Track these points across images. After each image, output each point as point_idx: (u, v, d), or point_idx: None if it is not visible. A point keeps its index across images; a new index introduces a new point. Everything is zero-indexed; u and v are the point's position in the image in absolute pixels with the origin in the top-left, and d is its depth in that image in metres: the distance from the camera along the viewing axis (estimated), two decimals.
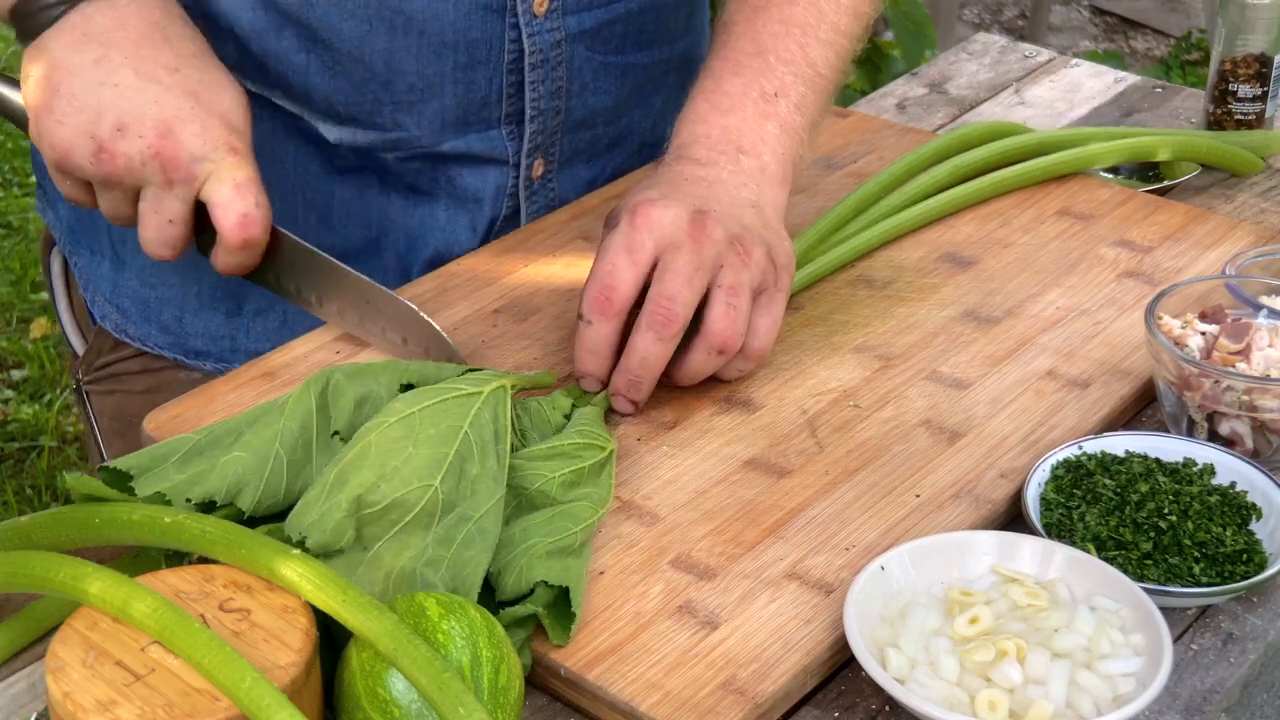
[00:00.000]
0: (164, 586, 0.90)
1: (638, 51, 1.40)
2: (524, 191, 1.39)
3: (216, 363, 1.39)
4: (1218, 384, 1.11)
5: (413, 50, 1.28)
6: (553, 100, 1.35)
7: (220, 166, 1.14)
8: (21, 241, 3.61)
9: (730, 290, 1.12)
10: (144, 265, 1.37)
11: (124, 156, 1.12)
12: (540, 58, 1.32)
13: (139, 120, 1.12)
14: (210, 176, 1.14)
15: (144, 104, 1.12)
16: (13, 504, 2.84)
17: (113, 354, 1.43)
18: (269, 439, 1.01)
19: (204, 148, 1.13)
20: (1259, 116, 1.57)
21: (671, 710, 0.92)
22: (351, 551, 0.96)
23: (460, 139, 1.34)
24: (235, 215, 1.14)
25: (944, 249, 1.36)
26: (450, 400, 1.02)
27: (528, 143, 1.36)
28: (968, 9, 4.98)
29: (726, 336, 1.12)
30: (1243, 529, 1.04)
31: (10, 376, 3.20)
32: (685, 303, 1.11)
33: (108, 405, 1.44)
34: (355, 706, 0.87)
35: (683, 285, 1.11)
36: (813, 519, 1.07)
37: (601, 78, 1.38)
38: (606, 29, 1.36)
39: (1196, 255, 1.35)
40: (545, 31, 1.32)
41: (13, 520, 0.97)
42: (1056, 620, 0.95)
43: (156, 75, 1.14)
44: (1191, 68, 4.44)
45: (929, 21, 3.01)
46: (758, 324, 1.15)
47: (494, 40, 1.30)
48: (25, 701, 0.97)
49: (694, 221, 1.12)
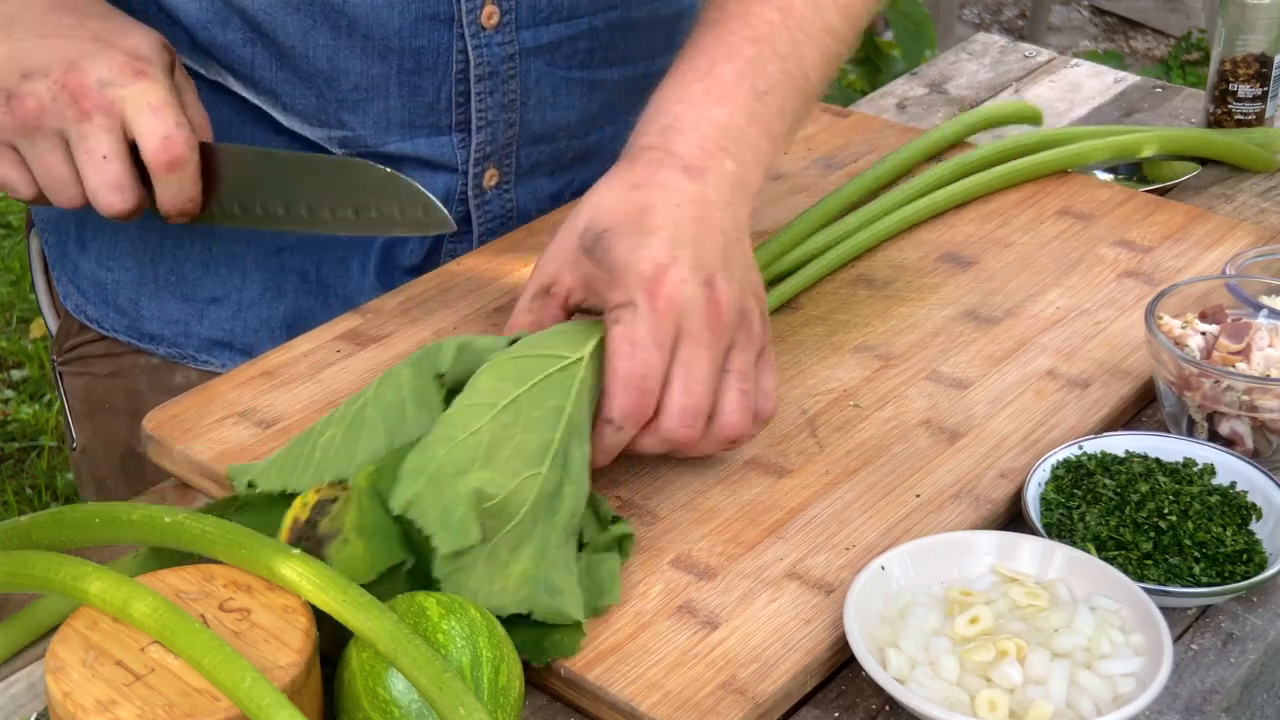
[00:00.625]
0: (164, 586, 0.90)
1: (607, 68, 1.38)
2: (474, 199, 1.37)
3: (170, 347, 1.39)
4: (1218, 384, 1.11)
5: (356, 51, 1.28)
6: (503, 113, 1.34)
7: (131, 92, 1.13)
8: (21, 242, 3.61)
9: (740, 375, 1.06)
10: (102, 247, 1.38)
11: (33, 97, 1.12)
12: (488, 69, 1.31)
13: (45, 65, 1.13)
14: (127, 108, 1.13)
15: (48, 53, 1.13)
16: (13, 504, 2.84)
17: (79, 336, 1.44)
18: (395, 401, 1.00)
19: (110, 73, 1.13)
20: (1259, 116, 1.57)
21: (671, 710, 0.92)
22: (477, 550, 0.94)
23: (407, 142, 1.33)
24: (157, 138, 1.13)
25: (944, 249, 1.36)
26: (554, 376, 1.00)
27: (475, 152, 1.34)
28: (968, 9, 4.98)
29: (740, 429, 1.07)
30: (1243, 529, 1.04)
31: (10, 376, 3.20)
32: (706, 414, 1.05)
33: (77, 386, 1.45)
34: (355, 706, 0.87)
35: (705, 397, 1.04)
36: (813, 519, 1.07)
37: (563, 93, 1.36)
38: (568, 44, 1.34)
39: (1196, 255, 1.35)
40: (495, 45, 1.30)
41: (13, 520, 0.97)
42: (1056, 620, 0.95)
43: (59, 30, 1.15)
44: (1191, 68, 4.44)
45: (929, 21, 3.01)
46: (763, 388, 1.09)
47: (441, 49, 1.29)
48: (25, 701, 0.97)
49: (710, 302, 1.05)
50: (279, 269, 1.37)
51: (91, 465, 1.45)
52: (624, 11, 1.37)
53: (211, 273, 1.36)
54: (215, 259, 1.36)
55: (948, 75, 1.76)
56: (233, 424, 1.15)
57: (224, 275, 1.36)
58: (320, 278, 1.37)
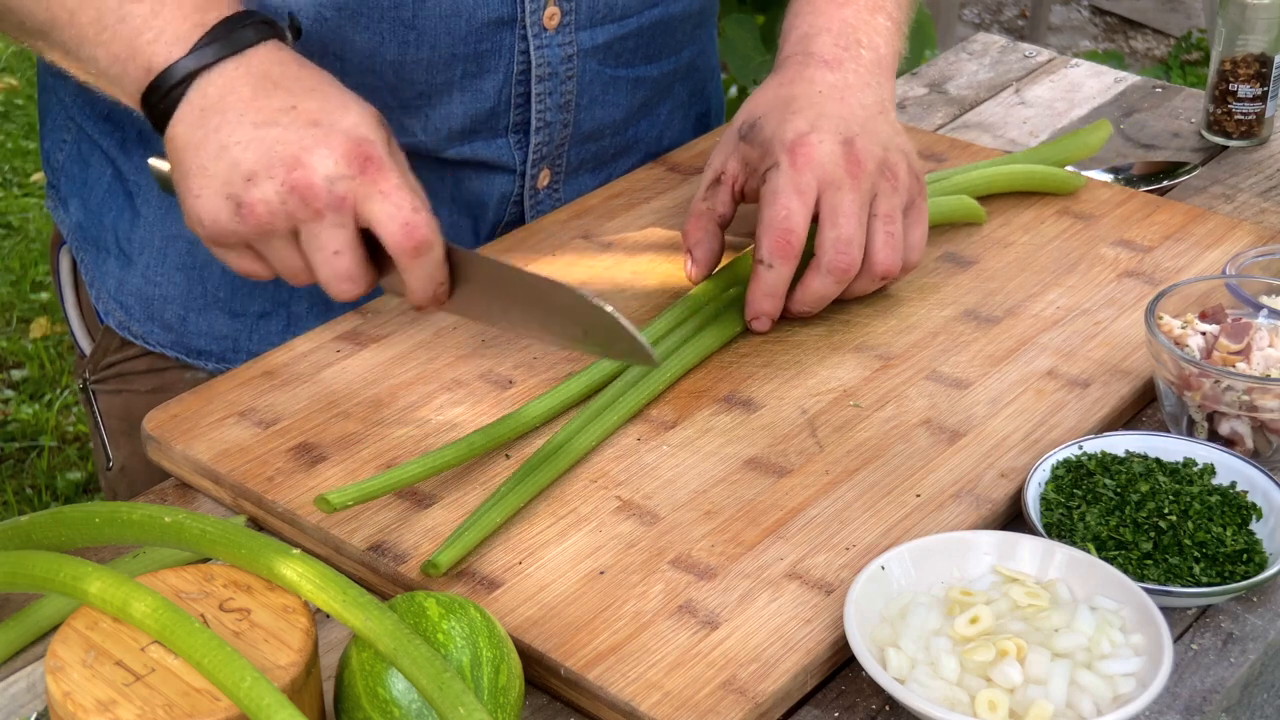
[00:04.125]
0: (164, 586, 0.90)
1: (647, 64, 1.42)
2: (529, 199, 1.40)
3: (218, 363, 1.39)
4: (1218, 384, 1.11)
5: (423, 60, 1.29)
6: (560, 113, 1.36)
7: (361, 183, 1.07)
8: (21, 241, 3.61)
9: (887, 219, 1.21)
10: (149, 263, 1.37)
11: (262, 203, 1.07)
12: (548, 70, 1.33)
13: (266, 164, 1.07)
14: (360, 198, 1.07)
15: (268, 148, 1.07)
16: (13, 504, 2.84)
17: (119, 353, 1.43)
18: None
19: (336, 167, 1.06)
20: (1259, 116, 1.57)
21: (671, 710, 0.92)
22: None
23: (466, 146, 1.34)
24: (396, 226, 1.07)
25: (944, 249, 1.36)
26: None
27: (533, 153, 1.37)
28: (968, 9, 4.98)
29: (889, 266, 1.21)
30: (1243, 529, 1.04)
31: (10, 376, 3.20)
32: (859, 244, 1.19)
33: (114, 405, 1.45)
34: (355, 706, 0.87)
35: (856, 229, 1.19)
36: (813, 519, 1.07)
37: (611, 91, 1.39)
38: (619, 43, 1.37)
39: (1196, 255, 1.35)
40: (555, 45, 1.33)
41: (13, 520, 0.97)
42: (1057, 620, 0.95)
43: (274, 119, 1.08)
44: (1191, 68, 4.44)
45: (929, 21, 3.01)
46: (910, 238, 1.23)
47: (503, 51, 1.31)
48: (25, 701, 0.97)
49: (848, 155, 1.19)
50: None
51: (131, 484, 1.44)
52: (665, 9, 1.40)
53: (260, 288, 1.36)
54: None
55: (948, 75, 1.76)
56: (233, 424, 1.15)
57: (272, 291, 1.37)
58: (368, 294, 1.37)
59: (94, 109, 1.37)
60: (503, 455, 1.12)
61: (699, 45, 1.48)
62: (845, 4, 1.30)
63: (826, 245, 1.19)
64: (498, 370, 1.21)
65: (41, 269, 3.49)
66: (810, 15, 1.30)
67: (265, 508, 1.09)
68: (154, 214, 1.36)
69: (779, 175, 1.20)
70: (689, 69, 1.47)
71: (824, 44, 1.28)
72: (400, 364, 1.22)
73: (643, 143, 1.46)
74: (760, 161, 1.23)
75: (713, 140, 1.50)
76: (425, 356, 1.23)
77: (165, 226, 1.36)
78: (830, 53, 1.27)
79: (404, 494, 1.09)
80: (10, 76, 4.34)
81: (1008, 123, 1.65)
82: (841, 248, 1.19)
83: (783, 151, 1.20)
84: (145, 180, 1.36)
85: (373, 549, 1.04)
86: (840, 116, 1.22)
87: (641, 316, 1.27)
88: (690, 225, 1.28)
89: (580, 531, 1.06)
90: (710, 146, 1.48)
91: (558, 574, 1.02)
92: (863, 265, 1.21)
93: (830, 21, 1.29)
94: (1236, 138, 1.58)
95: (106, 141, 1.37)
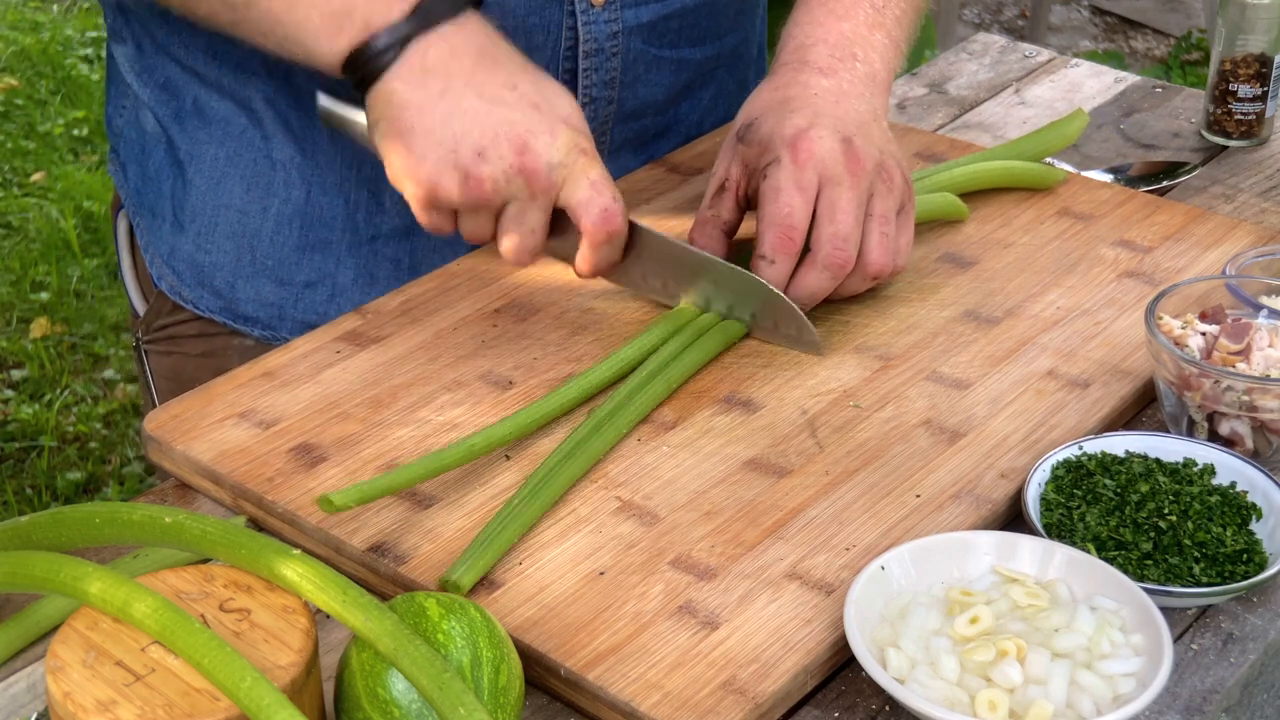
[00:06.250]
0: (164, 586, 0.90)
1: (690, 47, 1.45)
2: None
3: (264, 329, 1.43)
4: (1218, 384, 1.11)
5: None
6: (605, 90, 1.40)
7: (574, 169, 1.16)
8: (22, 241, 3.61)
9: (882, 220, 1.23)
10: (200, 230, 1.40)
11: (490, 180, 1.15)
12: (595, 46, 1.37)
13: (495, 142, 1.14)
14: (565, 181, 1.16)
15: (496, 125, 1.15)
16: (13, 504, 2.84)
17: (170, 317, 1.47)
18: None
19: (559, 154, 1.15)
20: (1259, 116, 1.57)
21: (671, 710, 0.92)
22: None
23: None
24: (597, 210, 1.17)
25: (944, 249, 1.36)
26: None
27: None
28: (968, 9, 4.98)
29: (882, 265, 1.23)
30: (1243, 529, 1.04)
31: (10, 376, 3.20)
32: (855, 242, 1.22)
33: (164, 365, 1.49)
34: (355, 706, 0.87)
35: (853, 227, 1.21)
36: (813, 519, 1.07)
37: (655, 71, 1.43)
38: (663, 23, 1.41)
39: (1196, 255, 1.35)
40: (602, 22, 1.37)
41: (13, 520, 0.97)
42: (1057, 620, 0.95)
43: (499, 95, 1.16)
44: (1191, 68, 4.44)
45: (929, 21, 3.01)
46: (900, 242, 1.25)
47: (551, 27, 1.35)
48: (25, 701, 0.97)
49: (847, 153, 1.21)
50: (372, 255, 1.40)
51: None
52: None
53: (307, 257, 1.40)
54: (311, 244, 1.39)
55: (948, 75, 1.76)
56: (233, 424, 1.15)
57: (319, 261, 1.40)
58: (413, 265, 1.40)
59: (151, 76, 1.40)
60: (503, 456, 1.12)
61: (743, 33, 1.52)
62: (845, 18, 1.32)
63: (824, 241, 1.21)
64: (498, 370, 1.21)
65: (41, 269, 3.49)
66: (809, 26, 1.32)
67: (265, 508, 1.09)
68: (205, 183, 1.39)
69: (780, 171, 1.21)
70: (733, 56, 1.50)
71: (820, 54, 1.30)
72: (400, 364, 1.22)
73: (684, 124, 1.49)
74: (759, 159, 1.25)
75: (714, 140, 1.50)
76: (425, 357, 1.23)
77: (216, 196, 1.39)
78: (825, 62, 1.29)
79: (404, 495, 1.09)
80: (10, 77, 4.34)
81: (1008, 123, 1.65)
82: (838, 244, 1.20)
83: (784, 147, 1.22)
84: (197, 150, 1.39)
85: (373, 550, 1.04)
86: (837, 116, 1.24)
87: (642, 317, 1.27)
88: (695, 233, 1.29)
89: (580, 532, 1.06)
90: (711, 147, 1.48)
91: (558, 574, 1.02)
92: (856, 263, 1.22)
93: (828, 34, 1.31)
94: (1236, 138, 1.58)
95: (162, 110, 1.40)
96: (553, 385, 1.19)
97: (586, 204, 1.17)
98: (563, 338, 1.25)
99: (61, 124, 4.09)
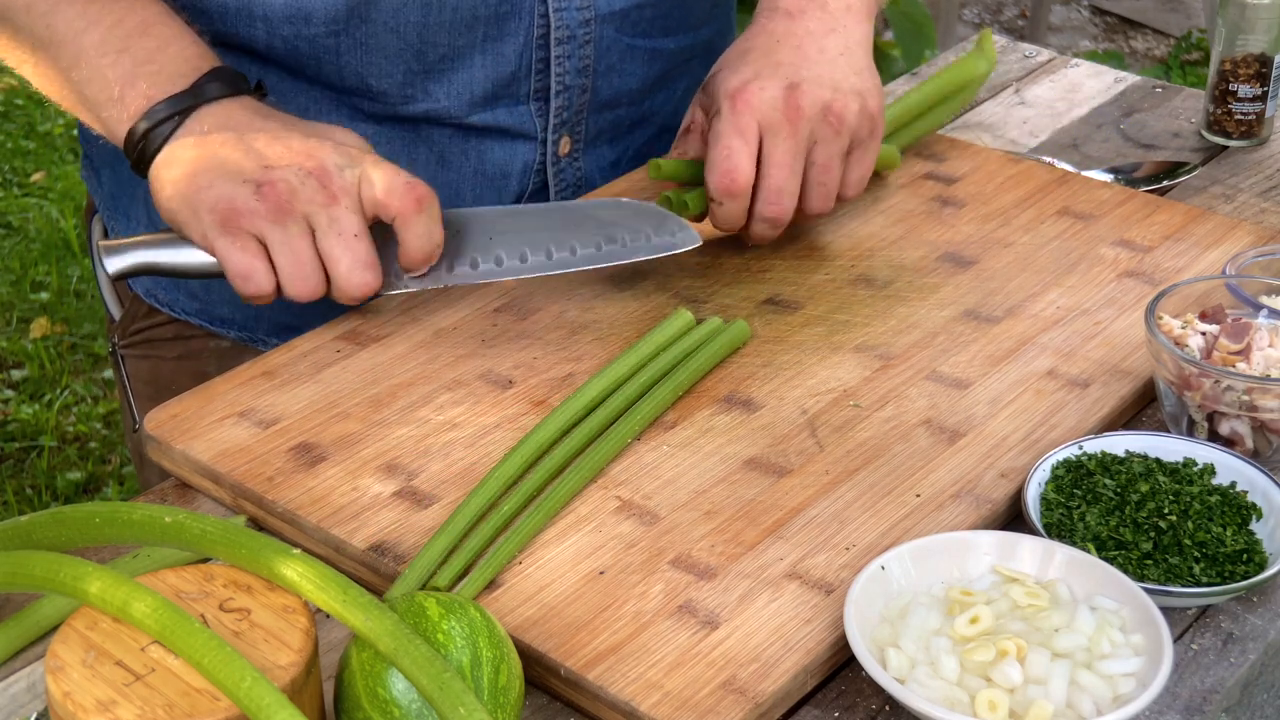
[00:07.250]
0: (164, 586, 0.90)
1: (664, 37, 1.45)
2: (551, 168, 1.43)
3: (240, 330, 1.43)
4: (1218, 384, 1.11)
5: (445, 24, 1.33)
6: (579, 78, 1.40)
7: (364, 165, 1.18)
8: (21, 241, 3.61)
9: (822, 169, 1.28)
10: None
11: (282, 181, 1.16)
12: (567, 33, 1.37)
13: (280, 157, 1.17)
14: (361, 179, 1.18)
15: (279, 148, 1.18)
16: (13, 504, 2.84)
17: (147, 320, 1.47)
18: None
19: (345, 159, 1.18)
20: (1259, 116, 1.57)
21: (671, 710, 0.92)
22: None
23: (489, 112, 1.38)
24: (400, 185, 1.18)
25: (944, 249, 1.36)
26: None
27: (554, 118, 1.41)
28: (968, 9, 4.98)
29: (820, 211, 1.30)
30: (1243, 529, 1.04)
31: (10, 376, 3.20)
32: (791, 193, 1.27)
33: (142, 369, 1.49)
34: (355, 706, 0.87)
35: (789, 178, 1.27)
36: (813, 519, 1.07)
37: (628, 60, 1.43)
38: (636, 12, 1.41)
39: (1196, 255, 1.35)
40: (574, 9, 1.37)
41: (13, 520, 0.97)
42: (1057, 620, 0.95)
43: (280, 132, 1.19)
44: (1191, 68, 4.44)
45: (929, 21, 3.01)
46: (849, 177, 1.31)
47: (523, 14, 1.35)
48: (25, 701, 0.97)
49: (788, 101, 1.26)
50: None
51: None
52: None
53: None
54: None
55: None
56: (233, 424, 1.15)
57: None
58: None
59: None
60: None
61: (717, 26, 1.52)
62: None
63: (760, 194, 1.27)
64: (498, 370, 1.21)
65: (41, 269, 3.49)
66: None
67: (265, 508, 1.09)
68: None
69: (720, 120, 1.27)
70: (706, 49, 1.50)
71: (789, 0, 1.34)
72: (400, 364, 1.22)
73: (659, 116, 1.50)
74: (709, 108, 1.31)
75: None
76: (425, 356, 1.23)
77: None
78: (795, 4, 1.33)
79: (404, 494, 1.09)
80: (10, 76, 4.34)
81: (1008, 123, 1.65)
82: (772, 198, 1.27)
83: (725, 99, 1.27)
84: None
85: (373, 549, 1.04)
86: (790, 64, 1.28)
87: (642, 318, 1.27)
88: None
89: (580, 531, 1.06)
90: None
91: (558, 574, 1.02)
92: (796, 210, 1.29)
93: None
94: (1236, 138, 1.58)
95: None
96: (553, 385, 1.19)
97: (389, 187, 1.18)
98: (563, 337, 1.25)
99: (61, 124, 4.09)
